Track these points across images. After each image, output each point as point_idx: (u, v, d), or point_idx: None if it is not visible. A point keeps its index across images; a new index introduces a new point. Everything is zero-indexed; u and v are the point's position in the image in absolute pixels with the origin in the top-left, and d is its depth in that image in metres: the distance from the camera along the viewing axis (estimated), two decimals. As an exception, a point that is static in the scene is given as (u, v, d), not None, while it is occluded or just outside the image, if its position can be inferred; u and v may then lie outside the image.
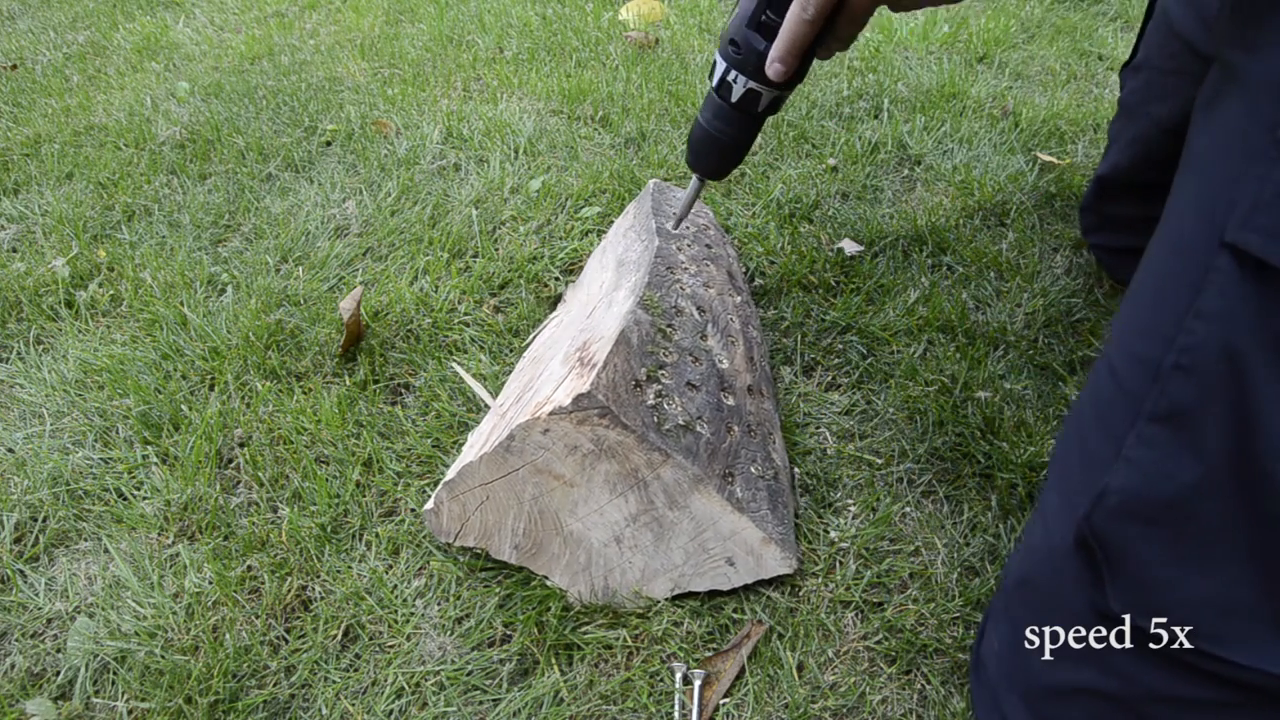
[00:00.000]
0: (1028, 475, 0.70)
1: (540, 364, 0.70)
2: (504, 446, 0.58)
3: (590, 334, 0.66)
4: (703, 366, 0.66)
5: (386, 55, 1.66)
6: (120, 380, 0.84)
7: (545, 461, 0.58)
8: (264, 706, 0.58)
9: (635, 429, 0.56)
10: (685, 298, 0.72)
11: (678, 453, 0.58)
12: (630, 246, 0.82)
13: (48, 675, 0.61)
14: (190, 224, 1.12)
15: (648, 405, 0.59)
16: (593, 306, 0.75)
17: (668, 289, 0.71)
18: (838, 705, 0.56)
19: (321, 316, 0.92)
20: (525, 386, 0.67)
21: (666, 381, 0.62)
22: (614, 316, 0.67)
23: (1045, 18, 1.67)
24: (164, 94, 1.54)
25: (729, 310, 0.76)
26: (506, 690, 0.58)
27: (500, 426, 0.62)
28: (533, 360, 0.75)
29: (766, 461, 0.65)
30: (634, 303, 0.66)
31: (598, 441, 0.57)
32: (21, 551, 0.70)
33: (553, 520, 0.61)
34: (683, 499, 0.59)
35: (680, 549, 0.61)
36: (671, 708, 0.56)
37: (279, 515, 0.71)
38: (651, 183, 0.92)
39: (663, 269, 0.73)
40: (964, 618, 0.60)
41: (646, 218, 0.83)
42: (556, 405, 0.56)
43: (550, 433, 0.57)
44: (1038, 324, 0.86)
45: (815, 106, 1.32)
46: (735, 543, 0.60)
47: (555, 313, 0.90)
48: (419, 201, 1.13)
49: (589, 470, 0.58)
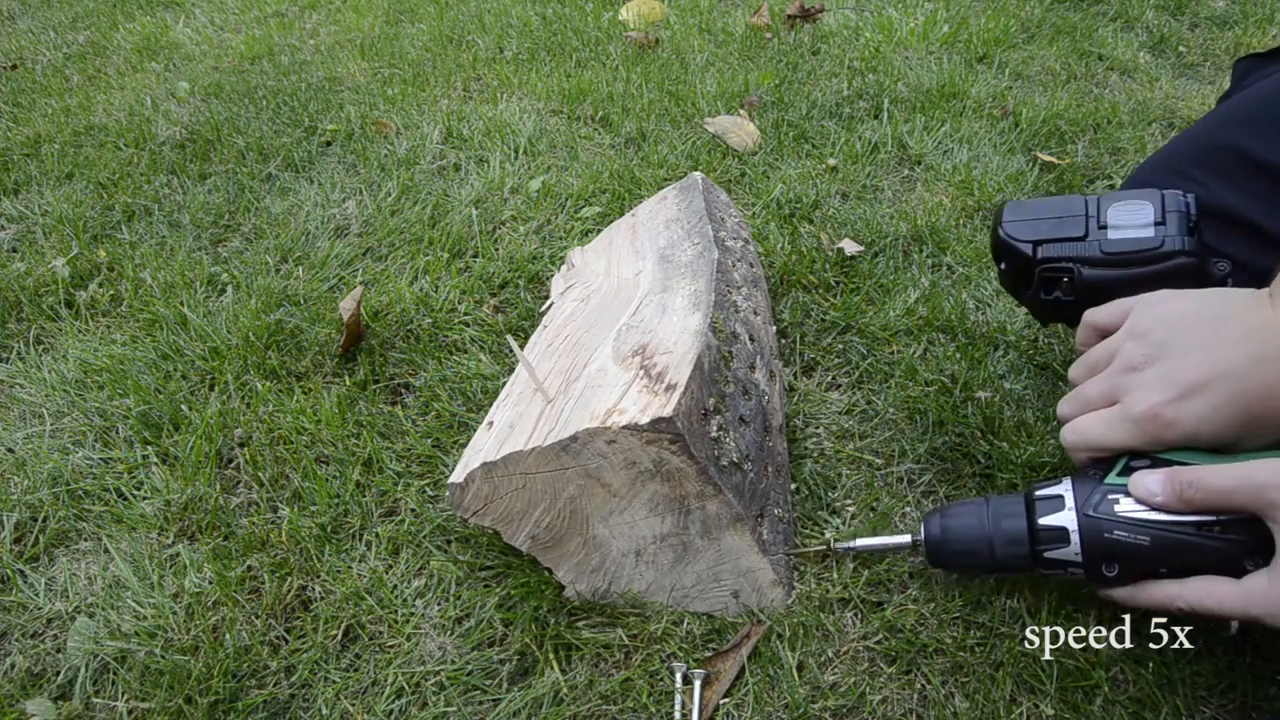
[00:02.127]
0: (1028, 475, 0.70)
1: (583, 350, 0.68)
2: (562, 445, 0.56)
3: (647, 338, 0.64)
4: (752, 401, 0.65)
5: (386, 55, 1.66)
6: (120, 380, 0.84)
7: (598, 469, 0.57)
8: (264, 706, 0.58)
9: (700, 460, 0.55)
10: (740, 323, 0.70)
11: (729, 490, 0.57)
12: (677, 244, 0.78)
13: (48, 675, 0.61)
14: (190, 224, 1.12)
15: (711, 437, 0.58)
16: (635, 300, 0.72)
17: (728, 311, 0.69)
18: (838, 705, 0.56)
19: (321, 316, 0.92)
20: (569, 374, 0.65)
21: (726, 414, 0.61)
22: (678, 329, 0.64)
23: (1045, 18, 1.67)
24: (164, 94, 1.54)
25: (770, 340, 0.74)
26: (506, 690, 0.58)
27: (551, 416, 0.60)
28: (569, 342, 0.71)
29: (787, 504, 0.65)
30: (706, 323, 0.64)
31: (659, 463, 0.56)
32: (21, 551, 0.70)
33: (582, 521, 0.60)
34: (717, 532, 0.59)
35: (694, 574, 0.61)
36: (671, 708, 0.56)
37: (279, 515, 0.71)
38: (699, 176, 0.88)
39: (723, 286, 0.71)
40: (964, 618, 0.60)
41: (699, 219, 0.80)
42: (632, 421, 0.54)
43: (615, 444, 0.55)
44: (1038, 324, 0.86)
45: (815, 106, 1.32)
46: (747, 579, 0.60)
47: (567, 279, 0.87)
48: (419, 201, 1.13)
49: (638, 486, 0.57)
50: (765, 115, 1.30)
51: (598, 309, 0.75)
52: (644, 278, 0.76)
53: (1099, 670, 0.56)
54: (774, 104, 1.34)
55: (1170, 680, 0.56)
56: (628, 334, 0.66)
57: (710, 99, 1.35)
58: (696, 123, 1.29)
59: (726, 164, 1.18)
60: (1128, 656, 0.57)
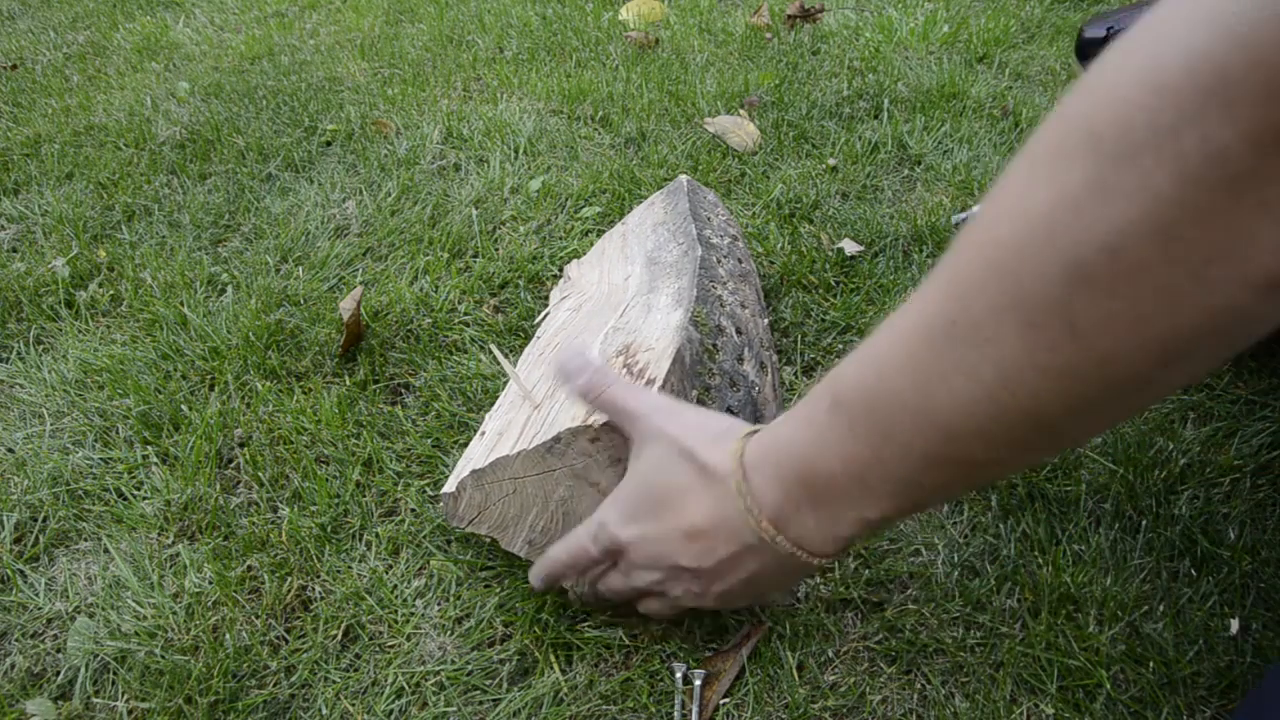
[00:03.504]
0: (1028, 475, 0.70)
1: None
2: (546, 447, 0.57)
3: (631, 338, 0.65)
4: (740, 394, 0.65)
5: (386, 55, 1.66)
6: (120, 380, 0.84)
7: (585, 469, 0.57)
8: (264, 706, 0.58)
9: None
10: (726, 316, 0.70)
11: None
12: (663, 246, 0.79)
13: (48, 675, 0.61)
14: (190, 224, 1.12)
15: None
16: (624, 304, 0.73)
17: (712, 305, 0.69)
18: (838, 705, 0.56)
19: (321, 316, 0.92)
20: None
21: (712, 406, 0.61)
22: (660, 325, 0.65)
23: (1045, 18, 1.67)
24: (164, 94, 1.54)
25: (761, 333, 0.74)
26: (506, 690, 0.58)
27: (537, 421, 0.60)
28: (558, 350, 0.72)
29: None
30: (687, 317, 0.64)
31: None
32: (21, 551, 0.70)
33: (576, 523, 0.60)
34: None
35: None
36: (671, 708, 0.56)
37: (279, 515, 0.71)
38: (685, 179, 0.89)
39: (706, 282, 0.71)
40: (964, 618, 0.60)
41: (684, 220, 0.80)
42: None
43: (599, 442, 0.56)
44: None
45: (815, 106, 1.32)
46: None
47: (563, 291, 0.88)
48: (419, 201, 1.13)
49: None
50: (765, 115, 1.30)
51: (588, 315, 0.76)
52: (632, 281, 0.76)
53: (1100, 670, 0.56)
54: (774, 104, 1.34)
55: (1171, 680, 0.56)
56: (614, 336, 0.67)
57: (710, 99, 1.35)
58: (696, 123, 1.29)
59: (726, 164, 1.18)
60: (1128, 656, 0.57)
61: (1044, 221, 0.32)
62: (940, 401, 0.37)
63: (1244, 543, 0.64)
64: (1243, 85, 0.27)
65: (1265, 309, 0.31)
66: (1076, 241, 0.31)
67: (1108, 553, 0.64)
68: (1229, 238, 0.29)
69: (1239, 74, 0.27)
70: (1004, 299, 0.34)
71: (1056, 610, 0.60)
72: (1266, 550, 0.64)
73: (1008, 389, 0.35)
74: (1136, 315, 0.31)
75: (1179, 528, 0.65)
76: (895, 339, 0.40)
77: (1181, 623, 0.59)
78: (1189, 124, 0.29)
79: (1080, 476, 0.70)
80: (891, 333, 0.41)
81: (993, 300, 0.34)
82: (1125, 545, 0.65)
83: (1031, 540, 0.65)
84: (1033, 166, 0.34)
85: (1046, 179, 0.33)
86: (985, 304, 0.35)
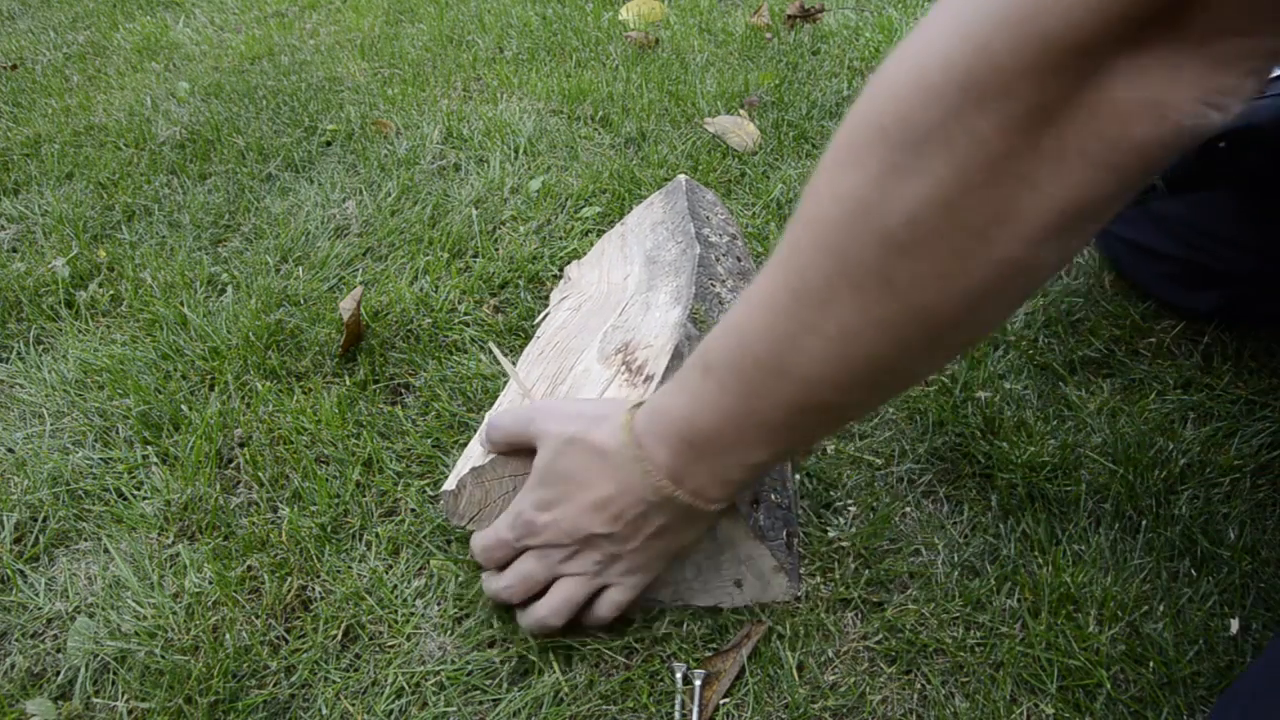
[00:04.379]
0: (1028, 475, 0.70)
1: (570, 355, 0.68)
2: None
3: (630, 336, 0.65)
4: None
5: (386, 55, 1.66)
6: (120, 380, 0.84)
7: None
8: (264, 706, 0.58)
9: None
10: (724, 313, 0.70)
11: None
12: (662, 245, 0.79)
13: (48, 675, 0.61)
14: (190, 224, 1.12)
15: None
16: (623, 303, 0.73)
17: (710, 302, 0.69)
18: (838, 705, 0.56)
19: (321, 316, 0.92)
20: (556, 378, 0.66)
21: None
22: (658, 323, 0.65)
23: (1045, 18, 1.67)
24: (164, 94, 1.54)
25: None
26: (506, 690, 0.58)
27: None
28: (558, 349, 0.72)
29: (783, 490, 0.65)
30: (685, 314, 0.65)
31: None
32: (21, 551, 0.70)
33: None
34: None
35: (694, 565, 0.61)
36: (671, 708, 0.56)
37: (279, 515, 0.71)
38: (683, 179, 0.89)
39: (705, 279, 0.71)
40: (964, 618, 0.60)
41: (682, 218, 0.81)
42: None
43: None
44: (1038, 324, 0.86)
45: (815, 106, 1.32)
46: (749, 567, 0.60)
47: (562, 292, 0.88)
48: (419, 201, 1.13)
49: None
50: (765, 115, 1.30)
51: (587, 315, 0.76)
52: (631, 280, 0.77)
53: (1100, 670, 0.56)
54: (774, 104, 1.34)
55: (1171, 680, 0.56)
56: (613, 334, 0.67)
57: (710, 99, 1.35)
58: (696, 123, 1.29)
59: (726, 164, 1.18)
60: (1128, 656, 0.57)
61: (856, 200, 0.38)
62: (795, 358, 0.43)
63: (1244, 543, 0.64)
64: (987, 84, 0.34)
65: (1042, 258, 0.38)
66: (884, 214, 0.38)
67: (1108, 553, 0.64)
68: (1000, 205, 0.35)
69: (982, 75, 0.34)
70: (833, 267, 0.40)
71: (1056, 610, 0.60)
72: (1266, 550, 0.64)
73: (848, 341, 0.41)
74: (940, 271, 0.38)
75: (1179, 528, 0.65)
76: (751, 308, 0.46)
77: (1181, 623, 0.59)
78: (953, 117, 0.35)
79: (1080, 476, 0.70)
80: (747, 304, 0.46)
81: (824, 269, 0.41)
82: (1125, 545, 0.65)
83: (1031, 540, 0.65)
84: (841, 156, 0.40)
85: (853, 165, 0.39)
86: (818, 273, 0.41)
